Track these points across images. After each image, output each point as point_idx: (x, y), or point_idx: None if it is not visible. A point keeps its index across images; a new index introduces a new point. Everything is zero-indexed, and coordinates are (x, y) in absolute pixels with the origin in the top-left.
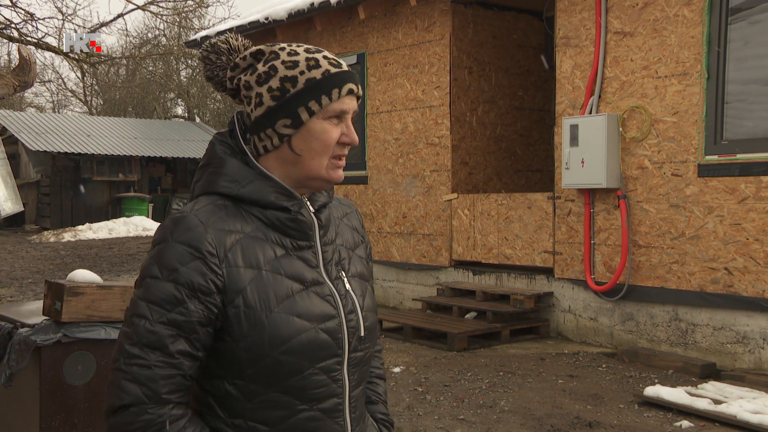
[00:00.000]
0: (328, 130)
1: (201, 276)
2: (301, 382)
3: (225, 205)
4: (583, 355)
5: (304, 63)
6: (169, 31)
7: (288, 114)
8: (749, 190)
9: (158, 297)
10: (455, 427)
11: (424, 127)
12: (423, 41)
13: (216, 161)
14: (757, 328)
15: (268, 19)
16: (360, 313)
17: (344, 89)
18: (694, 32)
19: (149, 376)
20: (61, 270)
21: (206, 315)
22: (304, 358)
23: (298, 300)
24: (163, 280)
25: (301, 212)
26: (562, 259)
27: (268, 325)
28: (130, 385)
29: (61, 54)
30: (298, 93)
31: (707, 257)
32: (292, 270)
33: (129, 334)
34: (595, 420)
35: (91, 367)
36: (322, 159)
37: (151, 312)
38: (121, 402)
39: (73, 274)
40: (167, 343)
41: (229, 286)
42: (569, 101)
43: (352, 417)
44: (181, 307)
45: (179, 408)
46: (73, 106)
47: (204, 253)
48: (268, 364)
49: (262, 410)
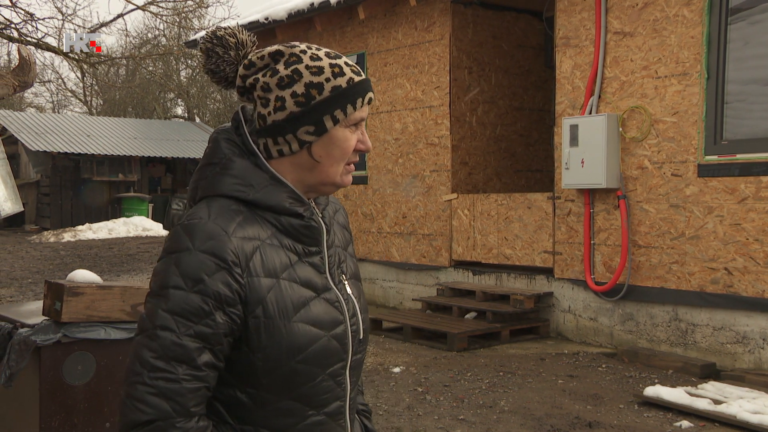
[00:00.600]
0: (348, 138)
1: (227, 287)
2: (312, 389)
3: (240, 210)
4: (582, 355)
5: (329, 70)
6: (169, 31)
7: (312, 121)
8: (749, 190)
9: (184, 309)
10: (455, 427)
11: (424, 127)
12: (423, 41)
13: (223, 161)
14: (756, 328)
15: (268, 20)
16: (359, 316)
17: (366, 98)
18: (693, 32)
19: (177, 390)
20: (61, 270)
21: (230, 326)
22: (317, 366)
23: (312, 308)
24: (189, 292)
25: (313, 218)
26: (561, 259)
27: (286, 334)
28: (156, 400)
29: (61, 54)
30: (324, 101)
31: (707, 257)
32: (305, 277)
33: (152, 346)
34: (595, 420)
35: (91, 368)
36: (339, 165)
37: (177, 324)
38: (145, 417)
39: (73, 275)
40: (194, 356)
41: (250, 296)
42: (569, 101)
43: (351, 417)
44: (208, 319)
45: (204, 420)
46: (73, 107)
47: (229, 264)
48: (284, 373)
49: (273, 418)
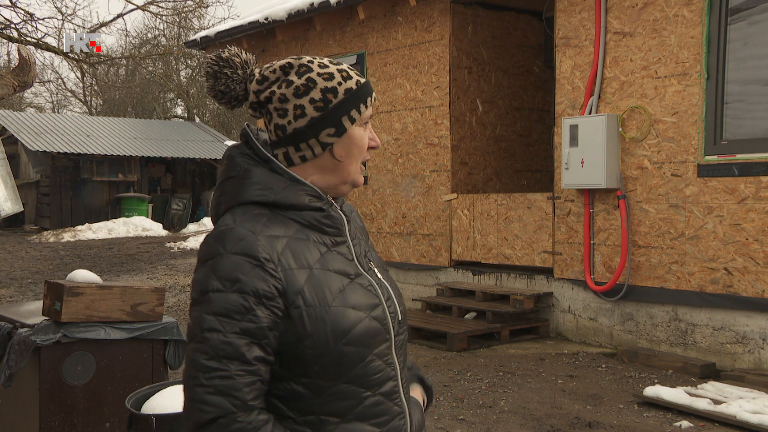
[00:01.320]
0: (363, 136)
1: (263, 282)
2: (363, 370)
3: (263, 213)
4: (582, 355)
5: (338, 74)
6: (169, 31)
7: (333, 123)
8: (749, 191)
9: (226, 309)
10: (455, 427)
11: (424, 128)
12: (423, 41)
13: (241, 172)
14: (756, 328)
15: (268, 20)
16: (395, 299)
17: (373, 97)
18: (693, 32)
19: (233, 385)
20: (61, 270)
21: (273, 319)
22: (364, 346)
23: (348, 292)
24: (228, 292)
25: (332, 209)
26: (561, 259)
27: (328, 319)
28: (215, 398)
29: (60, 54)
30: (340, 103)
31: (707, 257)
32: (337, 265)
33: (203, 349)
34: (595, 420)
35: (91, 368)
36: (357, 164)
37: (222, 324)
38: (208, 416)
39: (73, 275)
40: (243, 351)
41: (288, 288)
42: (569, 101)
43: (406, 397)
44: (250, 315)
45: (263, 413)
46: (73, 107)
47: (261, 260)
48: (333, 358)
49: (331, 403)
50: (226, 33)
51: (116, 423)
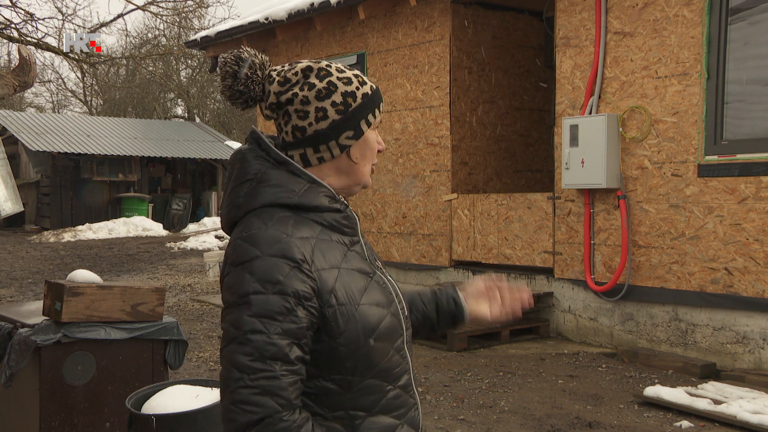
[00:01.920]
0: (374, 140)
1: (302, 283)
2: (387, 364)
3: (288, 215)
4: (583, 355)
5: (355, 80)
6: (169, 31)
7: (352, 126)
8: (749, 191)
9: (269, 310)
10: (455, 428)
11: (424, 128)
12: (423, 41)
13: (258, 175)
14: (757, 328)
15: (268, 19)
16: (402, 296)
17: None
18: (694, 32)
19: (279, 386)
20: (61, 270)
21: (310, 319)
22: (388, 341)
23: (371, 290)
24: (269, 294)
25: (348, 210)
26: (562, 259)
27: (359, 317)
28: (262, 398)
29: (61, 54)
30: (359, 107)
31: (707, 257)
32: (357, 264)
33: (246, 350)
34: (595, 420)
35: (91, 368)
36: (369, 165)
37: (265, 326)
38: (256, 416)
39: (73, 275)
40: (287, 352)
41: (322, 288)
42: (569, 101)
43: (417, 389)
44: (291, 316)
45: (304, 411)
46: (73, 106)
47: (298, 261)
48: (363, 353)
49: (359, 398)
50: (226, 33)
51: (116, 423)
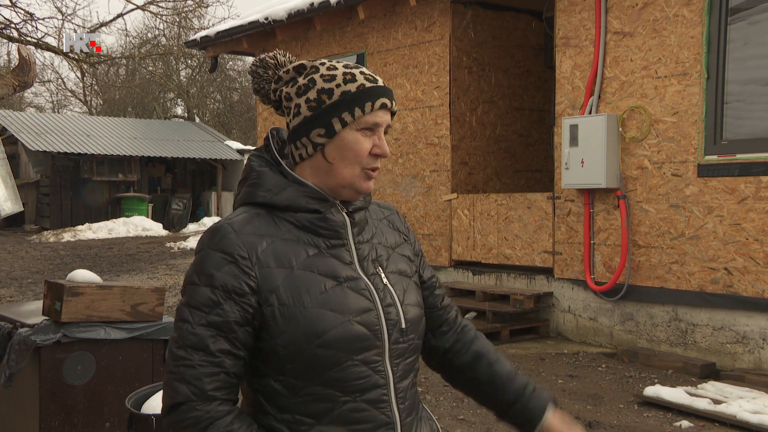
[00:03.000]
0: (360, 141)
1: (234, 278)
2: (340, 374)
3: (258, 213)
4: (582, 355)
5: (341, 77)
6: (169, 31)
7: (323, 124)
8: (749, 190)
9: (198, 301)
10: (455, 428)
11: (424, 127)
12: (423, 41)
13: (253, 174)
14: (756, 328)
15: (268, 19)
16: (399, 306)
17: (377, 103)
18: (693, 32)
19: (195, 374)
20: (61, 270)
21: (242, 315)
22: (341, 350)
23: (331, 295)
24: (201, 286)
25: (331, 212)
26: (561, 259)
27: (302, 320)
28: (180, 385)
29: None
30: (333, 104)
31: (707, 257)
32: (326, 267)
33: (176, 338)
34: (595, 420)
35: (91, 368)
36: (354, 168)
37: (192, 316)
38: (173, 401)
39: (73, 274)
40: (208, 343)
41: (262, 286)
42: (569, 101)
43: (400, 408)
44: (218, 309)
45: (226, 404)
46: (73, 106)
47: (236, 257)
48: (306, 359)
49: (306, 404)
50: (226, 33)
51: (116, 423)
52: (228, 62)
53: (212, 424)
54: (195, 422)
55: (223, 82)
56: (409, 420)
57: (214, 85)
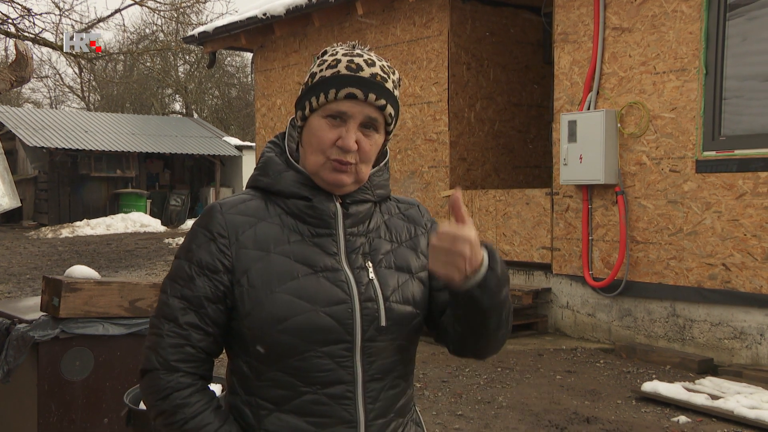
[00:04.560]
0: (323, 128)
1: (210, 255)
2: (301, 364)
3: (254, 196)
4: (581, 350)
5: (329, 62)
6: (167, 26)
7: (300, 106)
8: (747, 186)
9: (176, 274)
10: (453, 423)
11: (423, 123)
12: (421, 37)
13: (261, 160)
14: (754, 323)
15: (266, 15)
16: (382, 302)
17: (342, 92)
18: (692, 28)
19: (160, 344)
20: (59, 266)
21: (213, 292)
22: (303, 339)
23: (303, 283)
24: (182, 260)
25: (321, 200)
26: (560, 255)
27: (267, 304)
28: (150, 353)
29: (58, 50)
30: (310, 87)
31: (705, 253)
32: (304, 255)
33: (156, 307)
34: (593, 415)
35: (89, 363)
36: (318, 157)
37: (170, 287)
38: (143, 367)
39: (71, 270)
40: (177, 315)
41: (237, 266)
42: (567, 97)
43: (368, 408)
44: (191, 283)
45: (189, 377)
46: (71, 102)
47: (214, 235)
48: (268, 343)
49: (268, 388)
50: (224, 28)
51: (115, 418)
52: (226, 58)
53: (171, 395)
54: (157, 390)
55: (222, 78)
56: (380, 422)
57: (213, 81)
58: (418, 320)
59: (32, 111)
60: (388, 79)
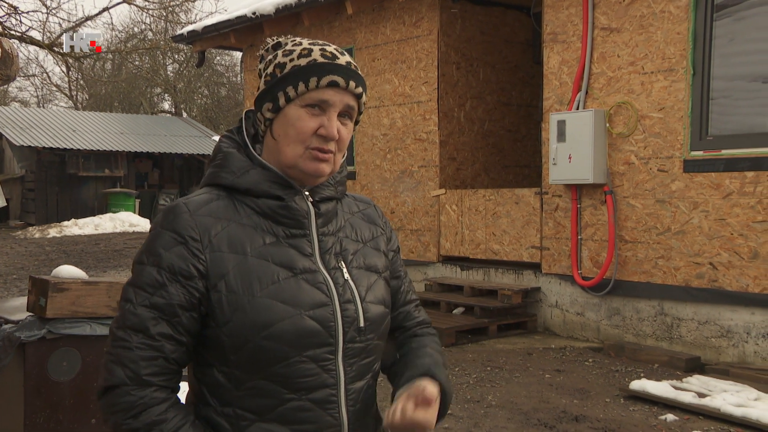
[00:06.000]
0: (303, 118)
1: (182, 260)
2: (286, 370)
3: (219, 195)
4: (569, 349)
5: (298, 52)
6: (156, 25)
7: (271, 98)
8: (734, 186)
9: (142, 281)
10: (443, 422)
11: (412, 123)
12: (411, 36)
13: (219, 155)
14: (740, 322)
15: (256, 14)
16: (360, 303)
17: (324, 80)
18: (679, 28)
19: (131, 357)
20: (47, 266)
21: (187, 299)
22: (289, 345)
23: (284, 286)
24: (148, 265)
25: (294, 200)
26: (549, 254)
27: (249, 309)
28: (116, 367)
29: (45, 48)
30: (281, 78)
31: (692, 252)
32: (282, 257)
33: (117, 318)
34: (582, 414)
35: (77, 364)
36: (297, 147)
37: (135, 296)
38: (107, 383)
39: (58, 270)
40: (149, 325)
41: (212, 270)
42: (556, 97)
43: (350, 410)
44: (162, 290)
45: (163, 391)
46: (58, 101)
47: (186, 238)
48: (250, 350)
49: (249, 398)
50: (213, 27)
51: (102, 419)
52: (215, 57)
53: (145, 411)
54: (127, 407)
55: (211, 77)
56: (359, 423)
57: (202, 80)
58: (389, 319)
59: (19, 110)
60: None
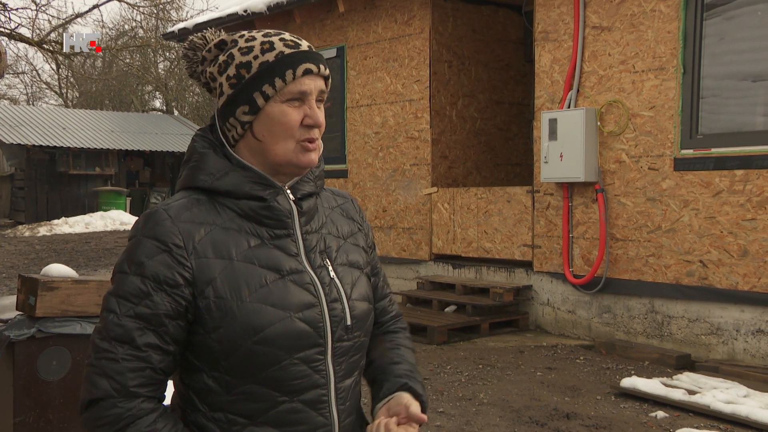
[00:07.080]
0: (287, 113)
1: (167, 268)
2: (278, 373)
3: (199, 199)
4: (561, 347)
5: (259, 47)
6: (147, 23)
7: (245, 100)
8: (723, 184)
9: (126, 291)
10: (435, 420)
11: (404, 121)
12: (403, 35)
13: (195, 156)
14: (730, 319)
15: (247, 12)
16: (346, 302)
17: (299, 69)
18: (670, 27)
19: (117, 369)
20: (36, 265)
21: (174, 308)
22: (280, 348)
23: (272, 289)
24: (131, 275)
25: (276, 200)
26: (540, 252)
27: (239, 315)
28: (100, 380)
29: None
30: (252, 78)
31: (683, 250)
32: (268, 259)
33: (100, 329)
34: (573, 411)
35: (66, 363)
36: (287, 143)
37: (119, 306)
38: (91, 396)
39: (48, 269)
40: (135, 336)
41: (198, 277)
42: (548, 95)
43: (340, 409)
44: (147, 300)
45: (150, 402)
46: (48, 99)
47: (170, 246)
48: (242, 355)
49: (240, 403)
50: (204, 25)
51: None
52: None
53: (133, 423)
54: (114, 420)
55: None
56: (349, 421)
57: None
58: (373, 315)
59: (8, 107)
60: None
